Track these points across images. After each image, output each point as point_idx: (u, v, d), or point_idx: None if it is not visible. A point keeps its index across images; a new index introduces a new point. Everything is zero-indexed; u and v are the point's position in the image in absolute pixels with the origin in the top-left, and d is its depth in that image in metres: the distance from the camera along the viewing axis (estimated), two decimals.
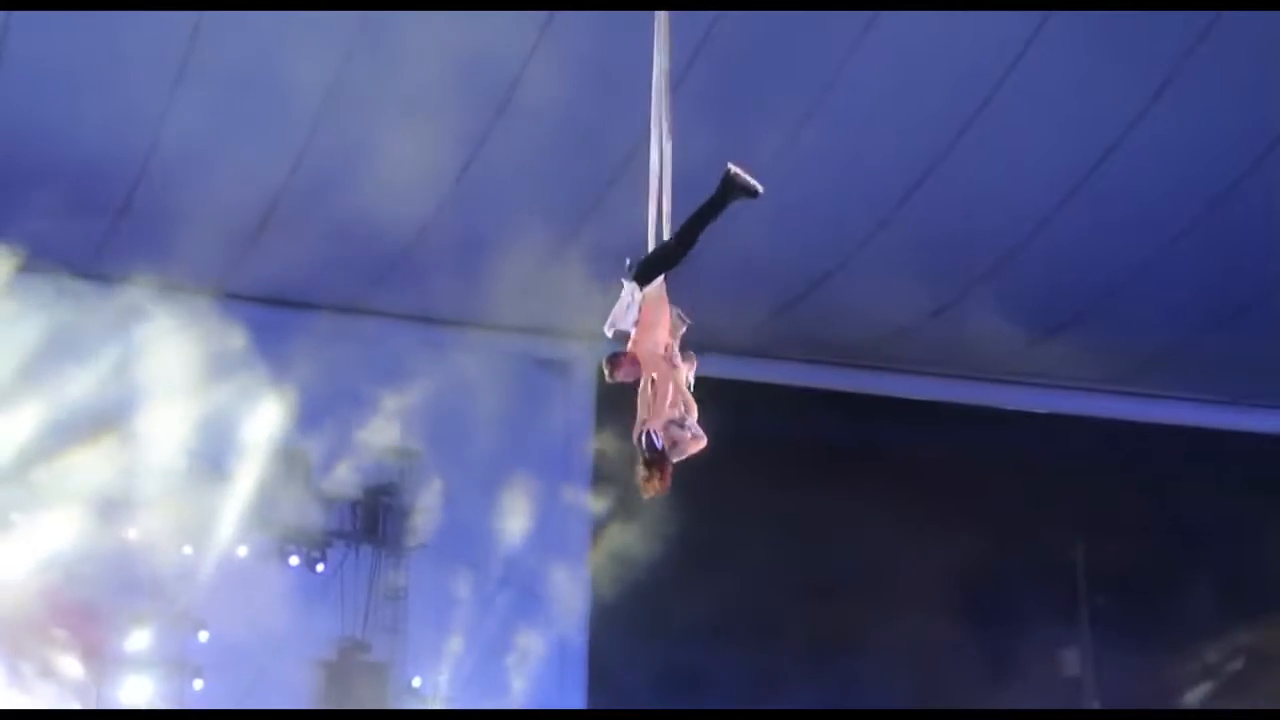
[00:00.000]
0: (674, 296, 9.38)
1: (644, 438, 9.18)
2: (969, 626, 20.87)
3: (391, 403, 18.53)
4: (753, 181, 9.29)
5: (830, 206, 17.40)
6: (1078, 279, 19.08)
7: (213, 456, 17.96)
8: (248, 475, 18.23)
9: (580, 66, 15.31)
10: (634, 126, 14.28)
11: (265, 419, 17.93)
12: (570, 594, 19.75)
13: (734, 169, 9.27)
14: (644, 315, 9.29)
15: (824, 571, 20.51)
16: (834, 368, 21.07)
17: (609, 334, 9.36)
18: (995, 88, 16.51)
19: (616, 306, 9.29)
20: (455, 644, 19.43)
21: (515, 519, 19.31)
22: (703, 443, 9.19)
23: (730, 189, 9.26)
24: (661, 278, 9.35)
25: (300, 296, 18.08)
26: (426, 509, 19.54)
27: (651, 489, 9.20)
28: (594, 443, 19.91)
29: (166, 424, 17.51)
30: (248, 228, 17.39)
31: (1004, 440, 21.24)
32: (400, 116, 15.99)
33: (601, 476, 19.50)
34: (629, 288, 9.28)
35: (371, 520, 19.39)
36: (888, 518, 20.45)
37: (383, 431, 18.66)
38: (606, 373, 9.34)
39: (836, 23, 15.82)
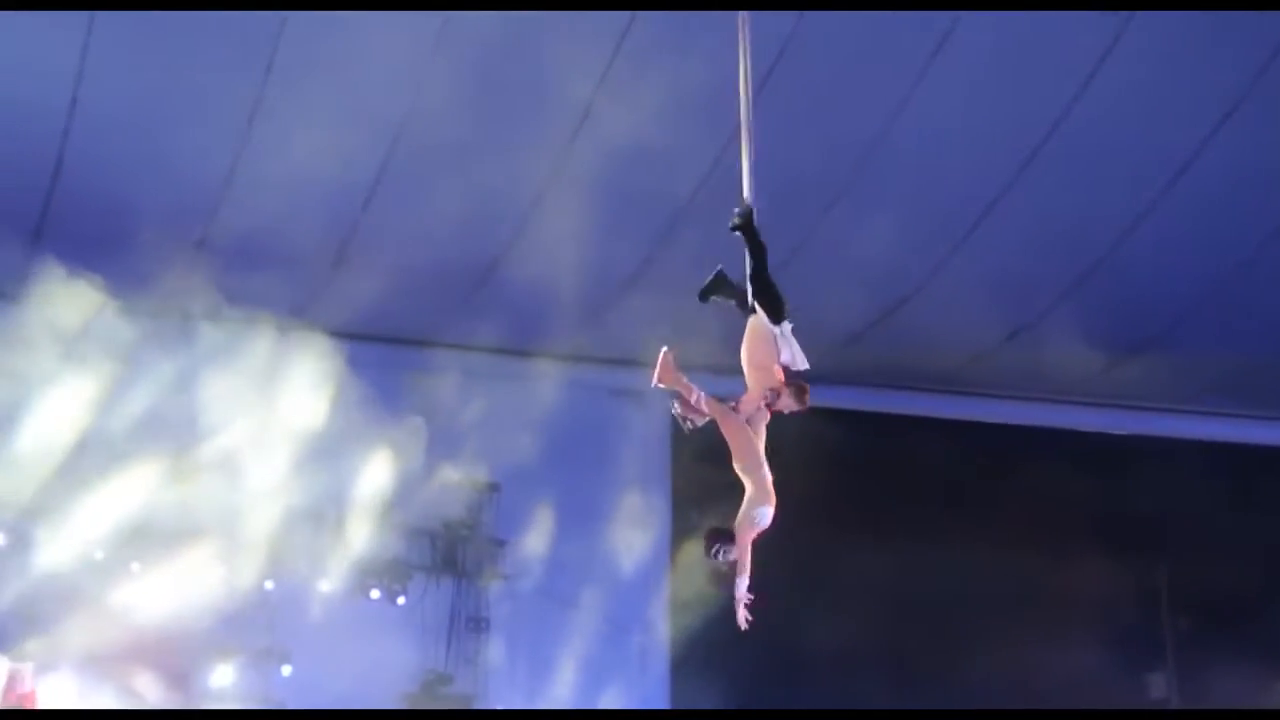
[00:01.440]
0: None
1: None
2: (1053, 651, 20.71)
3: (468, 434, 18.56)
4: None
5: (904, 231, 17.36)
6: (1155, 299, 19.00)
7: (289, 491, 18.01)
8: (329, 510, 18.29)
9: (653, 92, 15.33)
10: (706, 152, 14.40)
11: (344, 453, 17.97)
12: (651, 622, 19.75)
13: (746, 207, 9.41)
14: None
15: (903, 598, 20.40)
16: (910, 393, 21.02)
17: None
18: (1066, 109, 16.48)
19: (787, 347, 9.42)
20: (536, 673, 19.43)
21: (594, 549, 19.32)
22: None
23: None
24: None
25: (377, 330, 18.14)
26: (505, 540, 19.57)
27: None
28: (672, 470, 19.91)
29: (247, 459, 17.59)
30: (323, 261, 17.49)
31: (1084, 463, 21.10)
32: (471, 147, 16.07)
33: (680, 503, 19.48)
34: (783, 328, 9.46)
35: (451, 552, 19.41)
36: (968, 543, 20.38)
37: (460, 463, 18.69)
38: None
39: (907, 46, 15.82)
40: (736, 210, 9.54)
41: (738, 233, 9.62)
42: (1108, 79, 16.11)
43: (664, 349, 9.33)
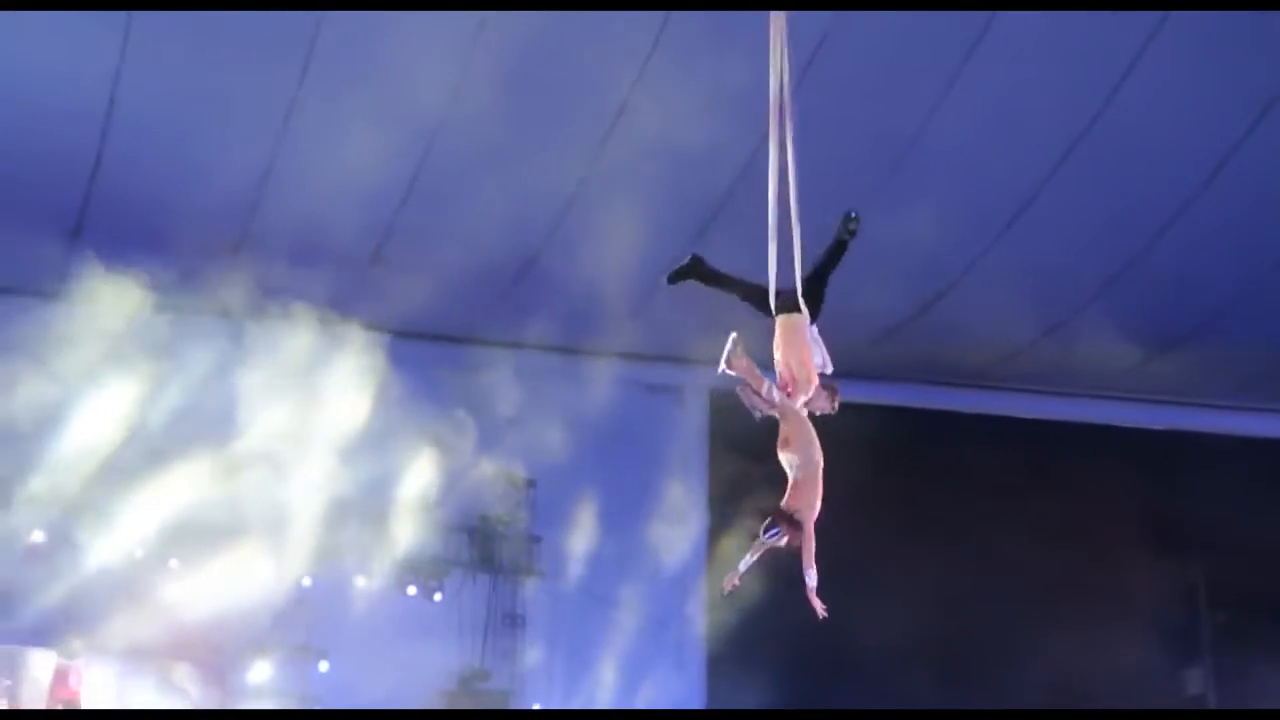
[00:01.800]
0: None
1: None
2: (1088, 646, 20.67)
3: (506, 431, 18.60)
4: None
5: (941, 227, 17.33)
6: (1191, 294, 18.95)
7: (328, 488, 18.06)
8: (367, 507, 18.34)
9: (689, 86, 15.34)
10: (744, 147, 14.39)
11: (382, 450, 18.01)
12: (688, 618, 19.76)
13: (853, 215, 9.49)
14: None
15: (937, 593, 20.36)
16: (947, 388, 21.01)
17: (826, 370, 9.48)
18: (1103, 106, 16.46)
19: (819, 349, 9.42)
20: (573, 670, 19.46)
21: (631, 545, 19.34)
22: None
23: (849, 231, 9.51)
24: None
25: (415, 327, 18.18)
26: (542, 536, 19.59)
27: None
28: (709, 466, 19.92)
29: (283, 454, 17.64)
30: (361, 259, 17.53)
31: (1121, 458, 21.06)
32: (507, 145, 16.09)
33: (717, 500, 19.48)
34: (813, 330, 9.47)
35: (488, 548, 19.45)
36: (1003, 538, 20.33)
37: (498, 459, 18.72)
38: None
39: (943, 44, 15.81)
40: (851, 218, 9.56)
41: (848, 237, 9.63)
42: (1144, 76, 16.08)
43: (733, 335, 9.30)
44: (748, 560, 9.44)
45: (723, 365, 9.34)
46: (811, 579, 9.36)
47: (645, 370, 19.77)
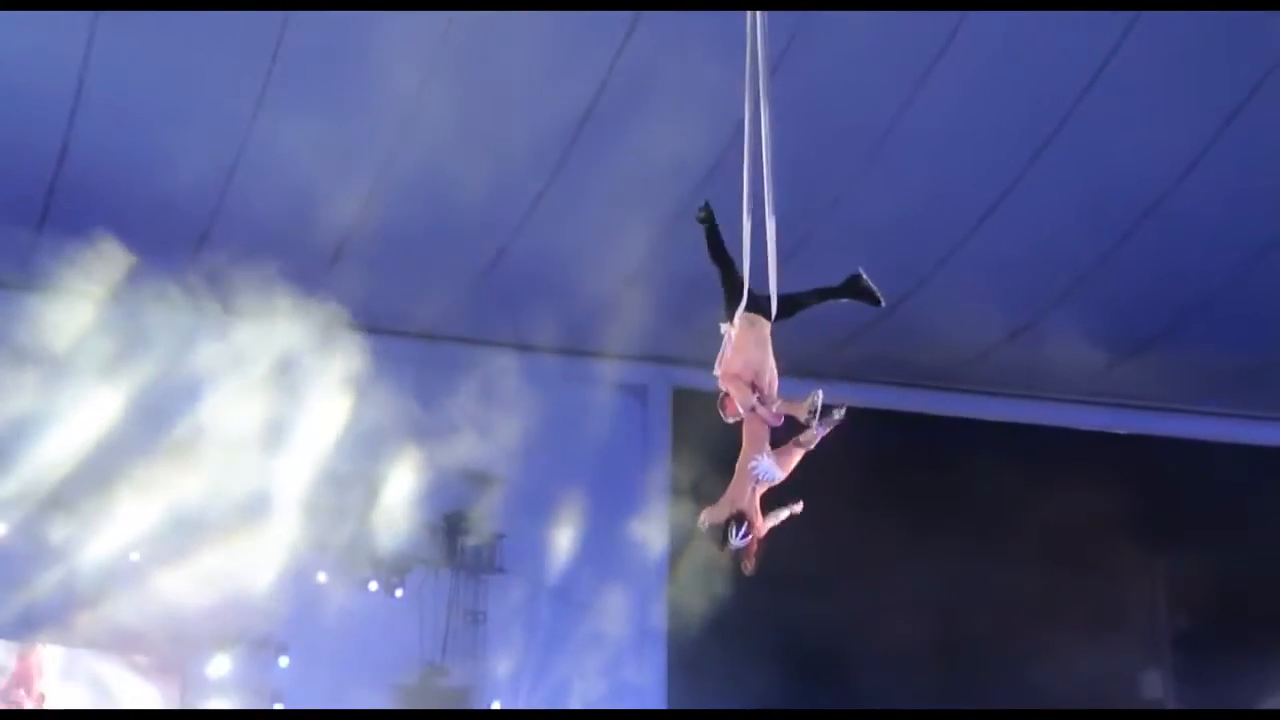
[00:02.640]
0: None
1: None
2: (1048, 649, 20.71)
3: (468, 427, 18.55)
4: (877, 291, 9.45)
5: (907, 228, 17.36)
6: (1158, 298, 18.99)
7: (290, 482, 18.02)
8: (326, 501, 18.30)
9: (660, 84, 15.33)
10: (714, 146, 14.38)
11: (344, 443, 17.98)
12: (650, 617, 19.75)
13: (862, 274, 9.45)
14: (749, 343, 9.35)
15: (898, 594, 20.40)
16: (911, 390, 21.02)
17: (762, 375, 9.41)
18: (1072, 107, 16.47)
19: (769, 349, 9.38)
20: (534, 668, 19.44)
21: (594, 542, 19.33)
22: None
23: (855, 292, 9.49)
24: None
25: (378, 323, 18.11)
26: (504, 533, 19.57)
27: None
28: (672, 464, 19.92)
29: (245, 448, 17.59)
30: (325, 254, 17.49)
31: (1084, 461, 21.09)
32: (477, 139, 16.06)
33: (680, 498, 19.47)
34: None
35: (450, 545, 19.40)
36: (964, 540, 20.37)
37: (460, 456, 18.68)
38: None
39: (914, 42, 15.81)
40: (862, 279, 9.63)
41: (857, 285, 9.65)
42: (1114, 77, 16.10)
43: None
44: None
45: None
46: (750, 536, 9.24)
47: (610, 368, 19.75)
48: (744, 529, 9.26)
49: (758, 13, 9.59)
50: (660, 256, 17.18)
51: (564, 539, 19.32)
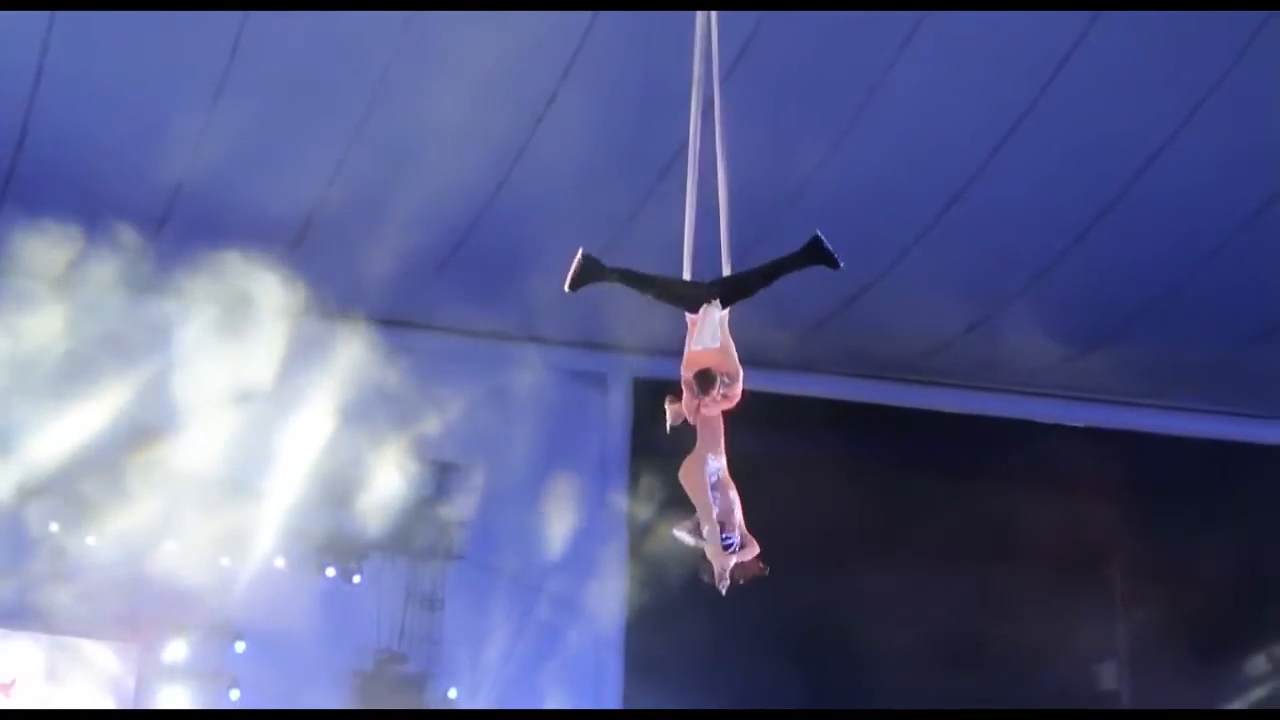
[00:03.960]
0: None
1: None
2: (1004, 641, 20.77)
3: (428, 414, 18.54)
4: (835, 255, 9.34)
5: (867, 220, 17.37)
6: (1116, 293, 19.05)
7: (248, 467, 17.99)
8: (284, 486, 18.27)
9: (619, 76, 15.34)
10: (673, 137, 14.38)
11: (301, 429, 17.96)
12: (607, 606, 19.77)
13: (820, 237, 9.32)
14: (722, 336, 9.23)
15: (857, 587, 20.44)
16: (870, 381, 21.05)
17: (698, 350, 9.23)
18: (1031, 105, 16.51)
19: (703, 326, 9.17)
20: (491, 656, 19.44)
21: (552, 531, 19.33)
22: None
23: (813, 255, 9.33)
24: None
25: (338, 308, 18.09)
26: (463, 520, 19.56)
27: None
28: (631, 454, 19.93)
29: (203, 434, 17.56)
30: (284, 241, 17.45)
31: (1040, 454, 21.15)
32: (438, 128, 16.05)
33: (638, 488, 19.49)
34: (713, 306, 9.18)
35: (408, 532, 19.36)
36: (926, 530, 20.42)
37: (419, 443, 18.67)
38: (699, 390, 9.17)
39: (876, 36, 15.84)
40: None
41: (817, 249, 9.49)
42: (1073, 75, 16.13)
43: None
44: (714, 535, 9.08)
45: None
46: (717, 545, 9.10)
47: (569, 356, 19.77)
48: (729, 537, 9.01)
49: (711, 13, 9.50)
50: (620, 246, 17.19)
51: (522, 527, 19.33)
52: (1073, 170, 17.29)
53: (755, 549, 9.15)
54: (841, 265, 9.36)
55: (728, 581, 9.06)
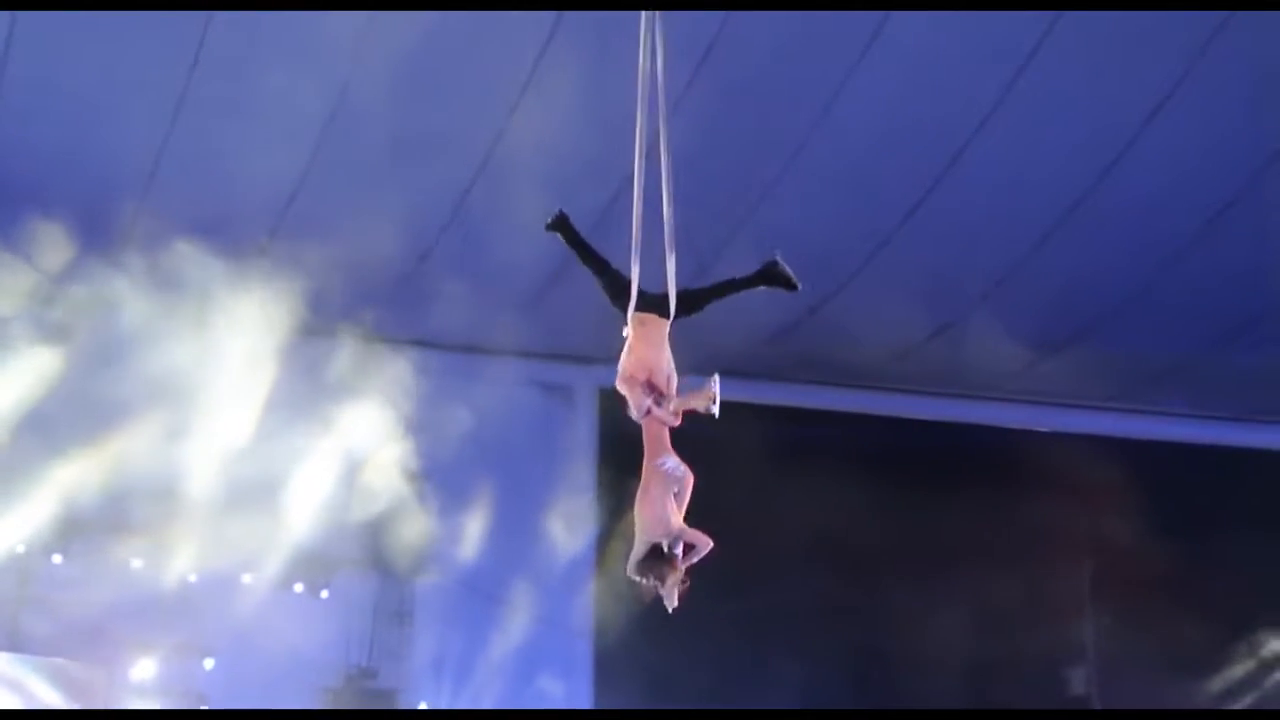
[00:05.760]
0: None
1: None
2: (972, 645, 20.81)
3: (397, 427, 18.50)
4: (793, 277, 9.36)
5: (830, 228, 17.42)
6: (1079, 296, 19.11)
7: (216, 482, 17.93)
8: (253, 502, 18.21)
9: (578, 89, 15.34)
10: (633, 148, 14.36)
11: (271, 445, 17.90)
12: (575, 618, 19.76)
13: (779, 260, 9.35)
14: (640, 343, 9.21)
15: (826, 593, 20.48)
16: (836, 389, 21.08)
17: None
18: (994, 107, 16.56)
19: (654, 334, 9.21)
20: (461, 669, 19.42)
21: (519, 544, 19.31)
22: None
23: (770, 278, 9.36)
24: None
25: (304, 320, 18.04)
26: (431, 534, 19.52)
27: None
28: (598, 464, 19.93)
29: (163, 449, 17.49)
30: (250, 251, 17.42)
31: (1007, 459, 21.19)
32: (398, 142, 16.05)
33: (606, 498, 19.48)
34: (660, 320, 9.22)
35: (377, 546, 19.33)
36: (891, 536, 20.44)
37: (388, 456, 18.63)
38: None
39: (835, 44, 15.87)
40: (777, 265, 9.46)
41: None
42: (1034, 77, 16.19)
43: (715, 377, 9.20)
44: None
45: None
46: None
47: (537, 368, 19.77)
48: (677, 544, 8.95)
49: (655, 12, 9.48)
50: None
51: (490, 539, 19.29)
52: (1034, 175, 17.35)
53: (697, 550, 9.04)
54: (800, 287, 9.40)
55: (675, 599, 8.97)
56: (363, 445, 18.40)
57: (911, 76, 16.24)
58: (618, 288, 9.34)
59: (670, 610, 9.05)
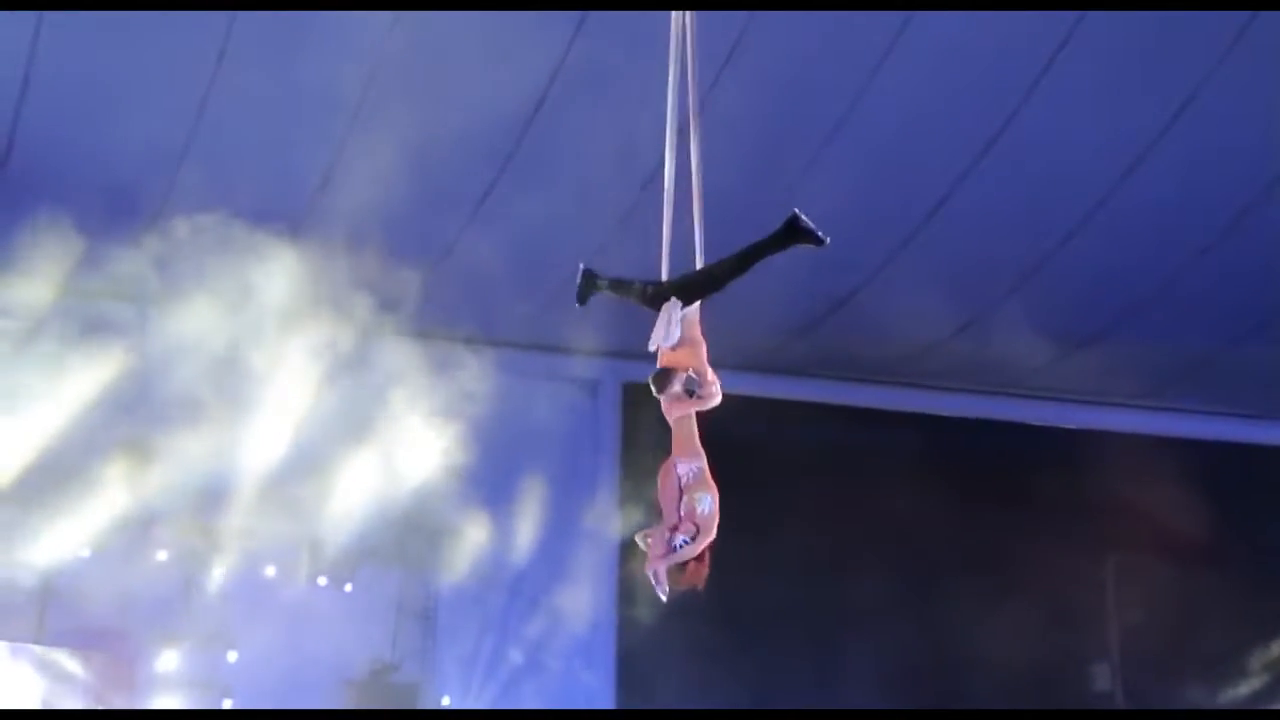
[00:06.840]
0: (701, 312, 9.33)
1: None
2: (996, 642, 20.76)
3: (419, 422, 18.50)
4: (817, 230, 9.26)
5: (855, 222, 17.29)
6: (1105, 293, 19.08)
7: (239, 477, 17.95)
8: (277, 496, 18.23)
9: (605, 81, 15.34)
10: (659, 143, 14.38)
11: (294, 438, 17.91)
12: (599, 613, 19.74)
13: (799, 214, 9.26)
14: (687, 334, 9.16)
15: (849, 587, 20.45)
16: (860, 384, 21.06)
17: (652, 349, 9.20)
18: (1022, 102, 16.54)
19: (659, 323, 9.14)
20: (483, 664, 19.42)
21: (543, 538, 19.31)
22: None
23: (793, 235, 9.25)
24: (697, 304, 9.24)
25: (329, 313, 18.05)
26: (454, 528, 19.52)
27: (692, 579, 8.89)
28: (622, 459, 19.91)
29: (190, 442, 17.52)
30: (274, 244, 17.41)
31: (1033, 456, 21.16)
32: (422, 137, 16.04)
33: (629, 493, 19.48)
34: (672, 305, 9.13)
35: (399, 540, 19.34)
36: (915, 534, 20.42)
37: (411, 451, 18.63)
38: (655, 389, 9.13)
39: (863, 38, 15.86)
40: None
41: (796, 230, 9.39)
42: (1059, 75, 16.17)
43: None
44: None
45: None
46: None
47: (561, 363, 19.74)
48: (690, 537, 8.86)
49: (686, 13, 9.47)
50: (611, 250, 17.18)
51: (515, 534, 19.29)
52: (1060, 170, 17.32)
53: (700, 558, 8.91)
54: (827, 241, 9.29)
55: (665, 586, 8.87)
56: (389, 440, 18.40)
57: (937, 74, 16.23)
58: (645, 297, 9.27)
59: (663, 599, 8.96)
